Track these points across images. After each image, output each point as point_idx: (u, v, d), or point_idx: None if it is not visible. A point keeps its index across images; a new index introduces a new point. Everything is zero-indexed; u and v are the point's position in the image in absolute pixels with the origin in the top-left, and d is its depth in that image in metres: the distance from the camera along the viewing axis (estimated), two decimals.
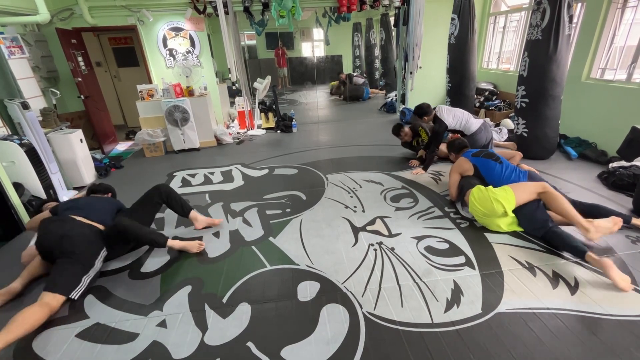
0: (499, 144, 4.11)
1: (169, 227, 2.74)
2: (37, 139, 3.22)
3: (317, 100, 8.75)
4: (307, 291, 1.93)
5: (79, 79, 4.76)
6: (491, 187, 2.40)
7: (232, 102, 7.16)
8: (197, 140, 4.83)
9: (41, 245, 2.03)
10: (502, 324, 1.64)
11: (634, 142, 3.03)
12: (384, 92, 8.68)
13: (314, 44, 11.64)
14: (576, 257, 2.04)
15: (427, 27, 5.51)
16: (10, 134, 3.18)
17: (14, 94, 3.22)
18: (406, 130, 4.04)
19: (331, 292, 1.91)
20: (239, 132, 5.81)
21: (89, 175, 3.88)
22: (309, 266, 2.16)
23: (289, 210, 2.92)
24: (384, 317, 1.72)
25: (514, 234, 2.37)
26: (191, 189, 3.49)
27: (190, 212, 2.64)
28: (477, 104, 5.51)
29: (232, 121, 6.46)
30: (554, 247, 2.18)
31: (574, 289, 1.84)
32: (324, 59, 11.38)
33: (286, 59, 10.57)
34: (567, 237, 2.08)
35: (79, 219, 2.14)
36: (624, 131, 3.21)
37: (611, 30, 3.64)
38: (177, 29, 5.36)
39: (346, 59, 11.43)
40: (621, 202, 2.72)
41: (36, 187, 3.09)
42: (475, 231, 2.45)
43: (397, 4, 5.59)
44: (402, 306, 1.79)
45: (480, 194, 2.38)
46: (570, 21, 3.24)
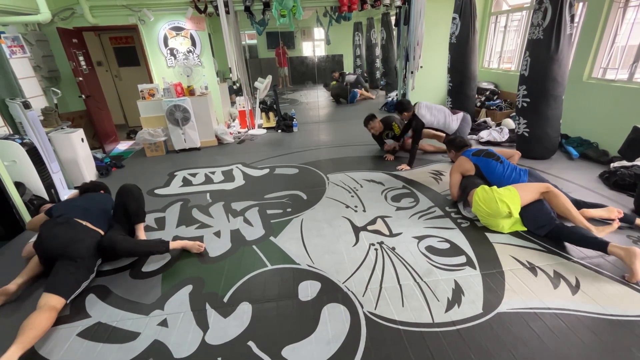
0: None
1: (169, 227, 2.74)
2: (38, 138, 3.22)
3: (317, 99, 8.74)
4: (308, 291, 1.93)
5: (80, 79, 4.76)
6: (496, 187, 2.40)
7: (232, 103, 7.17)
8: (198, 139, 4.83)
9: (44, 248, 1.99)
10: (503, 323, 1.64)
11: (636, 141, 3.03)
12: (374, 97, 8.46)
13: (315, 44, 11.63)
14: (598, 251, 2.01)
15: (428, 26, 5.50)
16: (11, 133, 3.19)
17: (15, 93, 3.22)
18: (374, 123, 4.09)
19: (332, 292, 1.91)
20: (239, 132, 5.81)
21: (90, 174, 3.88)
22: (309, 266, 2.16)
23: (289, 209, 2.92)
24: (384, 316, 1.72)
25: (515, 234, 2.37)
26: (192, 189, 3.50)
27: (138, 224, 2.45)
28: (478, 104, 5.50)
29: (233, 121, 6.46)
30: (569, 243, 2.15)
31: (575, 288, 1.84)
32: (324, 58, 11.37)
33: (287, 59, 10.56)
34: (585, 232, 2.08)
35: (84, 223, 2.13)
36: (625, 131, 3.20)
37: (613, 29, 3.63)
38: (178, 29, 5.36)
39: (347, 58, 11.42)
40: (623, 202, 2.72)
41: (37, 186, 3.10)
42: (476, 231, 2.45)
43: (398, 3, 5.57)
44: (403, 306, 1.79)
45: (485, 195, 2.38)
46: (571, 20, 3.23)
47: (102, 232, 2.21)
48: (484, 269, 2.04)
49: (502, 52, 5.83)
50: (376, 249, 2.29)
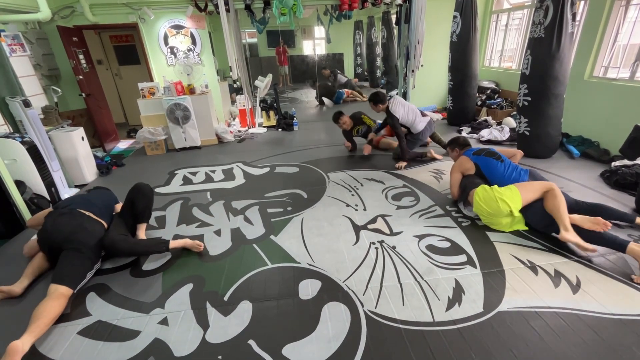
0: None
1: (170, 226, 2.74)
2: (38, 136, 3.22)
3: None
4: (308, 289, 1.93)
5: (80, 77, 4.76)
6: (496, 186, 2.39)
7: (233, 101, 7.16)
8: (198, 138, 4.83)
9: (48, 238, 2.02)
10: (504, 322, 1.64)
11: (637, 140, 3.02)
12: (365, 98, 8.02)
13: (315, 42, 11.62)
14: (616, 250, 1.98)
15: (429, 25, 5.48)
16: (12, 131, 3.19)
17: (15, 91, 3.22)
18: (345, 118, 4.09)
19: (332, 291, 1.91)
20: (240, 131, 5.80)
21: (90, 173, 3.88)
22: (310, 264, 2.16)
23: (290, 208, 2.92)
24: (385, 315, 1.72)
25: (516, 233, 2.36)
26: (192, 187, 3.50)
27: (141, 223, 2.46)
28: (479, 103, 5.49)
29: (234, 119, 6.45)
30: (585, 241, 2.09)
31: (576, 287, 1.84)
32: (325, 57, 11.36)
33: (287, 57, 10.55)
34: (600, 232, 2.02)
35: (87, 213, 2.16)
36: (626, 130, 3.19)
37: (614, 28, 3.62)
38: (178, 27, 5.35)
39: (347, 57, 11.41)
40: (624, 201, 2.71)
41: (38, 184, 3.10)
42: (476, 230, 2.44)
43: (399, 1, 5.56)
44: (403, 305, 1.79)
45: (485, 194, 2.37)
46: (573, 19, 3.22)
47: (104, 224, 2.24)
48: (485, 267, 2.04)
49: (503, 51, 5.82)
50: (377, 248, 2.29)
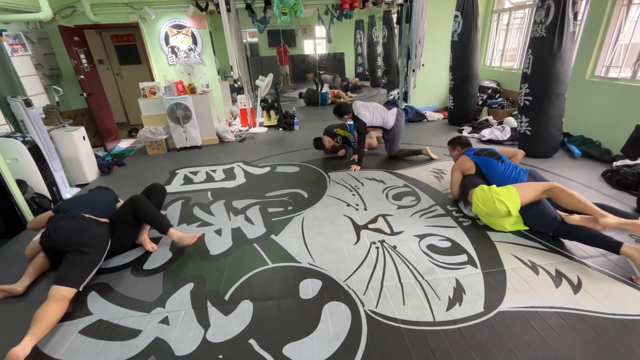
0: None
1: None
2: (40, 136, 3.23)
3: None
4: (309, 289, 1.94)
5: (82, 77, 4.76)
6: (494, 186, 2.38)
7: (234, 101, 7.16)
8: (199, 137, 4.83)
9: (50, 242, 2.06)
10: (505, 322, 1.64)
11: (639, 140, 3.01)
12: (352, 98, 7.99)
13: (316, 42, 11.61)
14: (609, 251, 1.97)
15: (430, 24, 5.47)
16: (13, 131, 3.20)
17: (17, 91, 3.23)
18: (326, 139, 4.12)
19: (333, 290, 1.91)
20: (240, 130, 5.81)
21: (91, 172, 3.89)
22: (310, 264, 2.16)
23: (290, 208, 2.92)
24: (385, 315, 1.72)
25: (517, 233, 2.36)
26: (193, 187, 3.50)
27: (168, 230, 2.32)
28: (480, 102, 5.48)
29: (234, 119, 6.46)
30: (580, 242, 2.11)
31: (577, 287, 1.83)
32: (326, 56, 11.35)
33: (288, 57, 10.55)
34: (595, 231, 2.02)
35: (87, 216, 2.17)
36: (628, 129, 3.19)
37: (616, 27, 3.61)
38: (179, 27, 5.35)
39: (348, 56, 11.40)
40: (625, 201, 2.71)
41: (39, 184, 3.11)
42: (477, 229, 2.44)
43: (400, 1, 5.55)
44: (404, 304, 1.79)
45: (482, 194, 2.37)
46: (574, 18, 3.21)
47: (106, 221, 2.25)
48: (486, 267, 2.04)
49: (504, 50, 5.81)
50: (377, 248, 2.29)
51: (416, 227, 2.52)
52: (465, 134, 4.75)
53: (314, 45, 11.65)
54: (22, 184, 2.94)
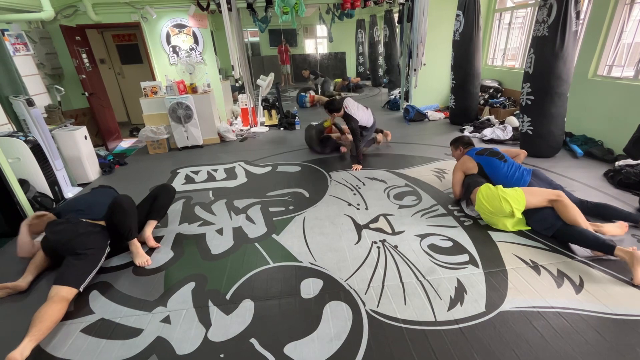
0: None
1: (172, 224, 2.75)
2: (42, 135, 3.24)
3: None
4: (310, 288, 1.94)
5: (83, 76, 4.78)
6: (501, 186, 2.37)
7: (235, 100, 7.16)
8: (200, 137, 4.83)
9: (49, 246, 2.10)
10: (506, 322, 1.64)
11: None
12: (340, 95, 7.73)
13: (317, 41, 11.61)
14: (605, 254, 1.98)
15: (432, 23, 5.47)
16: (15, 130, 3.21)
17: (19, 90, 3.23)
18: (328, 123, 4.17)
19: (334, 290, 1.91)
20: (242, 130, 5.81)
21: (93, 171, 3.90)
22: (312, 263, 2.16)
23: (292, 207, 2.92)
24: (387, 314, 1.72)
25: (519, 233, 2.35)
26: (195, 186, 3.50)
27: (154, 219, 2.47)
28: (482, 102, 5.47)
29: (235, 118, 6.46)
30: (575, 244, 2.13)
31: (579, 287, 1.83)
32: (327, 56, 11.35)
33: (289, 56, 10.55)
34: (592, 234, 2.03)
35: (85, 220, 2.18)
36: (630, 129, 3.18)
37: (619, 26, 3.59)
38: (181, 26, 5.36)
39: (350, 56, 11.39)
40: (627, 201, 2.69)
41: (41, 183, 3.12)
42: (479, 229, 2.44)
43: (401, 0, 5.55)
44: (405, 304, 1.78)
45: (488, 192, 2.35)
46: (577, 17, 3.20)
47: (103, 224, 2.25)
48: (487, 267, 2.03)
49: (506, 50, 5.79)
50: (378, 247, 2.29)
51: (417, 226, 2.52)
52: (466, 133, 4.74)
53: (315, 44, 11.66)
54: (24, 183, 2.95)
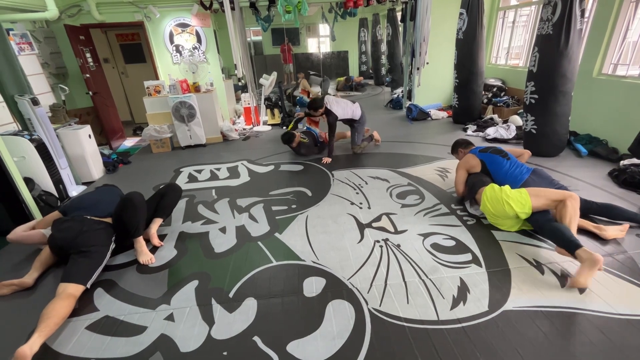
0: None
1: (175, 223, 2.77)
2: (46, 134, 3.26)
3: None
4: (312, 287, 1.94)
5: (87, 75, 4.80)
6: (506, 188, 2.30)
7: (238, 99, 7.17)
8: (203, 136, 4.85)
9: (55, 244, 2.12)
10: (509, 321, 1.63)
11: None
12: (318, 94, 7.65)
13: (320, 40, 11.59)
14: (569, 252, 1.93)
15: (435, 22, 5.44)
16: (20, 129, 3.24)
17: (24, 90, 3.26)
18: (297, 134, 4.20)
19: (337, 288, 1.92)
20: (244, 128, 5.82)
21: (97, 170, 3.92)
22: (314, 262, 2.17)
23: (294, 206, 2.93)
24: (389, 313, 1.72)
25: (522, 232, 2.34)
26: (198, 185, 3.52)
27: (160, 217, 2.53)
28: (485, 100, 5.44)
29: (238, 117, 6.47)
30: (543, 236, 2.19)
31: (583, 287, 1.82)
32: (330, 54, 11.33)
33: (292, 55, 10.54)
34: (569, 232, 1.99)
35: (89, 217, 2.21)
36: (635, 128, 3.15)
37: (624, 25, 3.56)
38: (184, 25, 5.37)
39: (352, 54, 11.37)
40: (632, 201, 2.68)
41: (46, 182, 3.14)
42: (482, 228, 2.43)
43: None
44: (407, 303, 1.79)
45: (492, 194, 2.31)
46: (582, 15, 3.17)
47: (109, 221, 2.28)
48: (490, 266, 2.03)
49: (509, 48, 5.76)
50: (381, 246, 2.29)
51: (420, 225, 2.51)
52: (469, 132, 4.72)
53: (318, 43, 11.64)
54: (29, 181, 2.98)
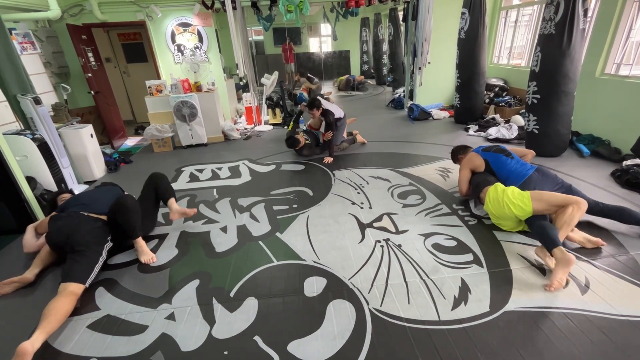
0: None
1: (177, 222, 2.77)
2: (49, 133, 3.27)
3: (324, 96, 8.67)
4: (313, 287, 1.94)
5: (89, 75, 4.81)
6: (508, 190, 2.26)
7: (239, 99, 7.18)
8: (204, 135, 4.85)
9: (52, 242, 2.13)
10: (511, 322, 1.63)
11: None
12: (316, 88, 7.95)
13: (322, 40, 11.59)
14: (546, 247, 1.95)
15: (437, 21, 5.43)
16: (23, 128, 3.24)
17: (26, 89, 3.27)
18: (300, 135, 4.18)
19: (338, 288, 1.92)
20: (246, 128, 5.82)
21: (99, 169, 3.93)
22: (315, 262, 2.17)
23: (295, 206, 2.93)
24: (390, 313, 1.72)
25: (524, 232, 2.34)
26: (199, 184, 3.52)
27: (169, 200, 2.59)
28: (487, 100, 5.43)
29: (240, 117, 6.48)
30: (535, 237, 2.18)
31: (585, 288, 1.81)
32: (331, 54, 11.33)
33: (293, 55, 10.53)
34: (555, 232, 1.98)
35: (85, 214, 2.21)
36: (638, 128, 3.14)
37: (627, 24, 3.54)
38: (186, 25, 5.38)
39: (354, 54, 11.36)
40: (635, 201, 2.66)
41: (48, 181, 3.15)
42: (483, 229, 2.42)
43: None
44: (408, 303, 1.78)
45: (495, 194, 2.30)
46: (584, 15, 3.16)
47: (104, 218, 2.27)
48: (492, 267, 2.02)
49: (512, 48, 5.74)
50: (382, 246, 2.28)
51: (421, 225, 2.51)
52: (471, 132, 4.71)
53: (320, 43, 11.63)
54: (31, 180, 2.99)
